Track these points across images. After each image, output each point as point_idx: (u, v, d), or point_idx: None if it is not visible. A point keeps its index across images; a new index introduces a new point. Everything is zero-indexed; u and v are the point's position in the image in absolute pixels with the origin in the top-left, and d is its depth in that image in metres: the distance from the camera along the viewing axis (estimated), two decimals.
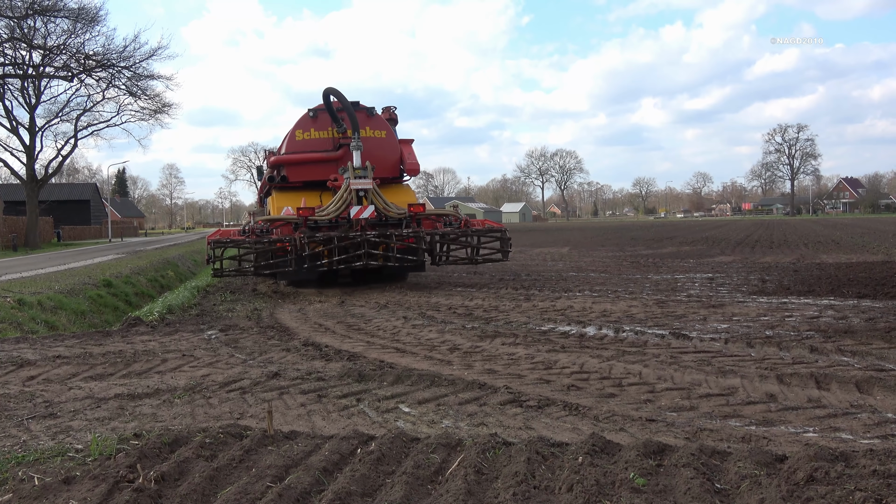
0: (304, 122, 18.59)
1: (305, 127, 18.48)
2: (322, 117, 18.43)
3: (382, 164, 18.31)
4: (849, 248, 28.74)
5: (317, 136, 18.44)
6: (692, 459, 4.45)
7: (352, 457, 4.80)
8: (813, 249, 28.50)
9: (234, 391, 7.20)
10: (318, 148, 18.31)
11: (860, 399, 6.30)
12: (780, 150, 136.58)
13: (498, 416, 6.11)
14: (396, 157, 19.10)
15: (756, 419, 5.85)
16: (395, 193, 18.33)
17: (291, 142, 18.45)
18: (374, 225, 16.61)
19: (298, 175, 18.30)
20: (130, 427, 5.87)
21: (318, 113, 18.46)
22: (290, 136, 18.58)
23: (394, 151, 19.06)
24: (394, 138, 19.30)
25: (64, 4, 41.54)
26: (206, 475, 4.44)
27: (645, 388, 6.91)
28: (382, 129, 18.94)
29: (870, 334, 9.23)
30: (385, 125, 19.13)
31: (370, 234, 15.88)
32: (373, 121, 18.76)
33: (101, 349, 9.79)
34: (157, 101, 49.93)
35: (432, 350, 9.09)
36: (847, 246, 29.89)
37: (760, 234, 44.90)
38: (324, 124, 18.43)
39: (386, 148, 18.81)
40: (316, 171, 17.99)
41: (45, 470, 4.73)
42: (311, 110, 18.53)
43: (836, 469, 4.15)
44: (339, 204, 16.23)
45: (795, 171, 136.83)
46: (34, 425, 6.06)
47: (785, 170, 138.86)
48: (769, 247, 31.08)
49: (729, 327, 10.24)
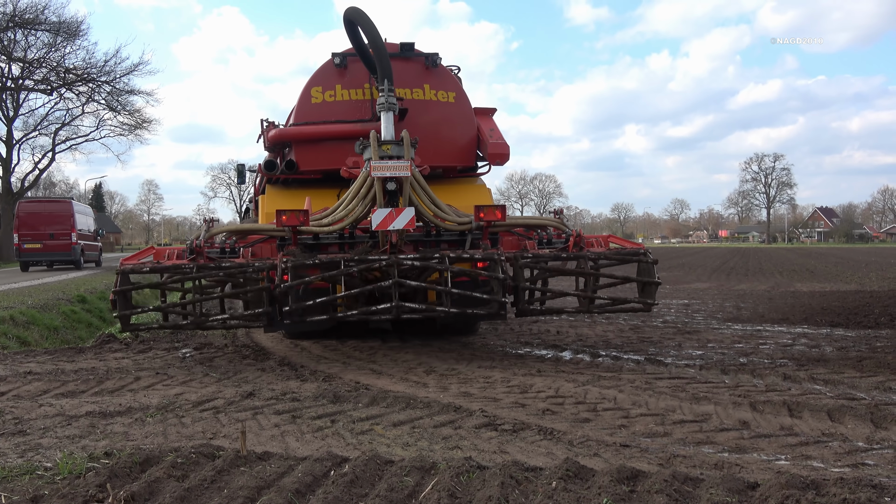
0: (326, 75, 11.34)
1: (328, 82, 11.27)
2: (355, 68, 11.20)
3: (448, 144, 11.54)
4: (823, 276, 29.08)
5: (346, 96, 11.29)
6: (665, 486, 4.46)
7: (325, 479, 4.77)
8: (787, 277, 28.82)
9: (208, 410, 7.14)
10: (348, 116, 11.04)
11: (832, 427, 6.35)
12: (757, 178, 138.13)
13: (473, 440, 6.10)
14: (471, 134, 11.80)
15: (729, 446, 5.88)
16: (466, 193, 11.59)
17: (304, 106, 11.22)
18: (416, 243, 10.15)
19: (314, 160, 11.03)
20: (101, 445, 5.80)
21: (348, 60, 11.25)
22: (302, 96, 11.30)
23: (468, 125, 11.76)
24: (467, 105, 11.85)
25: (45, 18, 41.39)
26: (176, 496, 4.39)
27: (620, 413, 6.93)
28: (450, 88, 11.69)
29: (842, 363, 9.33)
30: (455, 83, 11.86)
31: (406, 260, 9.06)
32: (434, 75, 11.60)
33: (73, 366, 9.68)
34: (138, 117, 49.75)
35: (408, 372, 9.07)
36: (821, 275, 30.25)
37: (736, 261, 45.34)
38: (357, 78, 11.23)
39: (456, 120, 11.65)
40: (343, 154, 9.84)
41: (12, 488, 4.66)
42: (337, 55, 11.28)
43: (807, 497, 4.18)
44: (354, 205, 9.15)
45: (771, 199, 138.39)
46: (2, 442, 5.97)
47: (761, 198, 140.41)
48: (745, 274, 31.38)
49: (704, 354, 10.31)
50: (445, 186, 11.42)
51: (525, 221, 11.17)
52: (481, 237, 9.81)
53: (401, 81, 10.88)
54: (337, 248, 10.00)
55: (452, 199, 10.35)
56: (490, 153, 11.63)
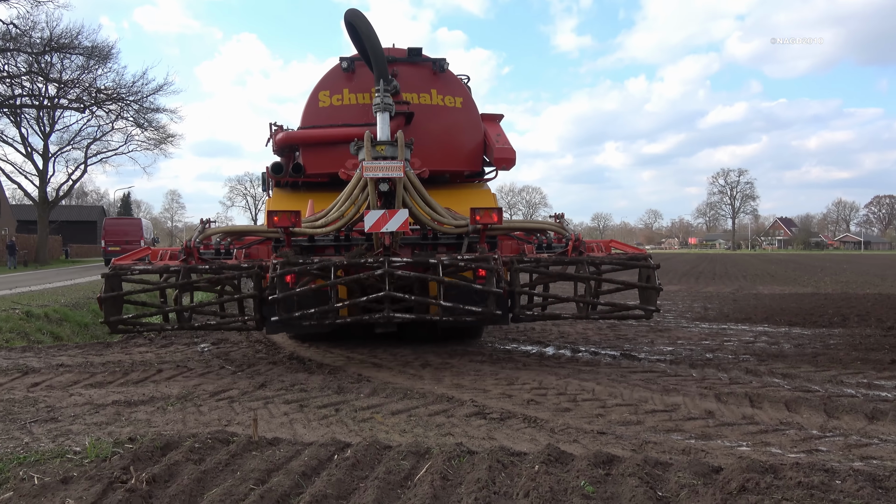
0: (333, 79, 10.64)
1: (335, 86, 10.59)
2: (362, 72, 10.45)
3: (455, 149, 10.69)
4: (782, 280, 29.11)
5: (353, 100, 10.53)
6: (637, 469, 4.46)
7: (329, 462, 4.76)
8: (751, 281, 28.84)
9: (223, 400, 7.12)
10: (356, 119, 10.24)
11: (789, 417, 6.36)
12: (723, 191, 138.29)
13: (464, 427, 6.09)
14: (478, 139, 10.96)
15: (696, 433, 5.88)
16: (472, 199, 10.40)
17: (312, 109, 10.56)
18: (412, 246, 9.22)
19: (320, 163, 10.19)
20: (126, 431, 5.78)
21: (356, 64, 10.54)
22: (310, 100, 10.61)
23: (475, 130, 10.93)
24: (474, 110, 11.01)
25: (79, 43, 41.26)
26: (194, 477, 4.38)
27: (597, 403, 6.93)
28: (457, 93, 10.83)
29: (799, 359, 9.35)
30: (462, 88, 10.97)
31: (398, 264, 8.12)
32: (441, 80, 10.76)
33: (101, 359, 9.65)
34: (162, 133, 49.67)
35: (406, 365, 9.05)
36: (781, 279, 30.29)
37: (704, 266, 45.36)
38: (364, 83, 10.47)
39: (463, 125, 10.80)
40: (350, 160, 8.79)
41: (44, 470, 4.64)
42: (345, 59, 10.56)
43: (766, 480, 4.19)
44: (347, 206, 8.35)
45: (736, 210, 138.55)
46: (36, 428, 5.95)
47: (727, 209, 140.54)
48: (712, 278, 31.39)
49: (674, 350, 10.31)
50: (452, 191, 10.57)
51: (524, 225, 10.13)
52: (478, 240, 8.87)
53: (408, 86, 10.40)
54: (333, 251, 9.12)
55: (458, 204, 9.57)
56: (496, 157, 10.87)
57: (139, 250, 9.35)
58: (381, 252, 8.19)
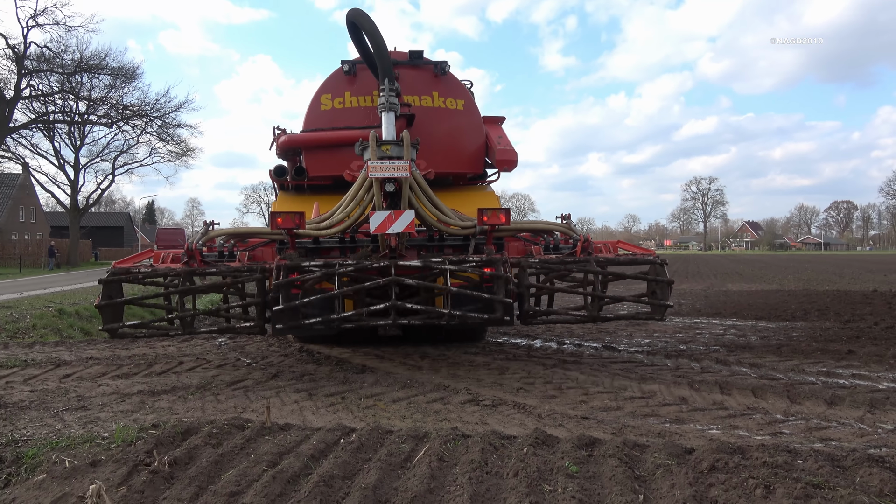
0: (335, 82, 9.85)
1: (337, 89, 9.77)
2: (364, 76, 9.65)
3: (457, 151, 9.83)
4: (749, 278, 29.14)
5: (355, 103, 9.71)
6: (617, 451, 4.46)
7: (336, 446, 4.75)
8: (721, 279, 28.86)
9: (239, 389, 7.11)
10: (358, 122, 9.41)
11: (755, 402, 6.36)
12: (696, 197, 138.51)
13: (459, 413, 6.09)
14: (480, 142, 10.09)
15: (670, 418, 5.89)
16: (475, 201, 9.42)
17: (314, 113, 9.74)
18: (418, 247, 8.30)
19: (323, 166, 9.44)
20: (150, 418, 5.77)
21: (357, 68, 9.74)
22: (312, 104, 9.81)
23: (476, 132, 10.07)
24: (476, 112, 10.17)
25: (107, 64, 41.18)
26: (212, 460, 4.37)
27: (580, 391, 6.93)
28: (459, 96, 10.04)
29: (764, 349, 9.36)
30: (463, 91, 10.17)
31: (405, 265, 7.34)
32: (443, 83, 9.96)
33: (127, 352, 9.62)
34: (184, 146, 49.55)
35: (406, 357, 9.04)
36: (748, 277, 30.32)
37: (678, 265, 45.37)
38: (366, 86, 9.64)
39: (464, 127, 9.97)
40: (352, 160, 7.96)
41: (75, 454, 4.63)
42: (347, 63, 9.82)
43: (734, 460, 4.19)
44: (352, 207, 7.52)
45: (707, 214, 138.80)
46: (67, 416, 5.93)
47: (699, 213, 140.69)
48: (685, 276, 31.41)
49: (650, 342, 10.31)
50: (455, 194, 9.74)
51: (531, 226, 9.08)
52: (485, 242, 8.02)
53: (409, 88, 9.60)
54: (338, 253, 8.30)
55: (462, 207, 8.74)
56: (498, 159, 10.03)
57: (142, 252, 8.58)
58: (386, 254, 7.45)
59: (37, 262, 44.92)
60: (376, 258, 7.50)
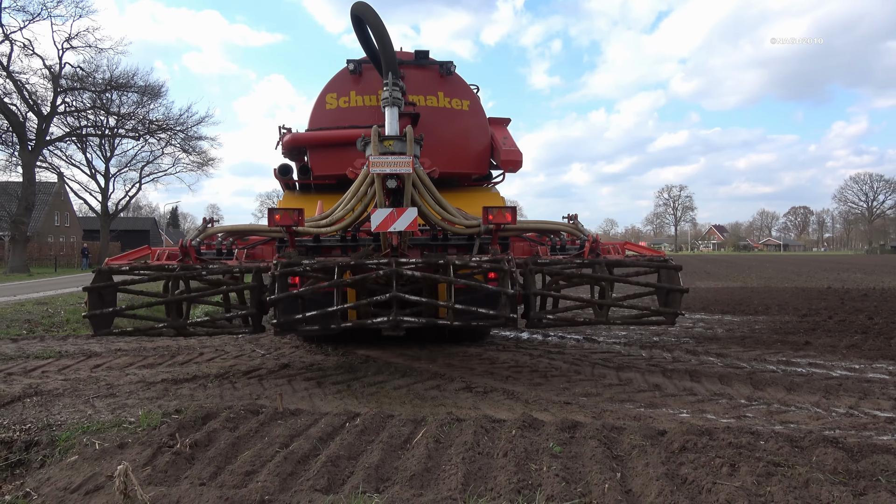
0: (341, 81, 9.03)
1: (342, 88, 8.95)
2: (369, 75, 8.82)
3: (462, 152, 9.00)
4: (716, 276, 29.18)
5: (360, 102, 8.86)
6: (597, 433, 4.46)
7: (342, 429, 4.73)
8: (690, 277, 28.86)
9: (254, 378, 7.08)
10: (363, 121, 8.52)
11: (721, 389, 6.37)
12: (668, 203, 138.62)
13: (453, 399, 6.07)
14: (485, 142, 9.27)
15: (645, 403, 5.88)
16: (480, 201, 8.52)
17: (319, 112, 8.93)
18: (421, 247, 7.45)
19: (327, 165, 8.67)
20: (173, 405, 5.73)
21: (363, 67, 8.92)
22: (317, 103, 9.00)
23: (482, 133, 9.24)
24: (482, 113, 9.34)
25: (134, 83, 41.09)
26: (229, 442, 4.35)
27: (564, 378, 6.92)
28: (465, 97, 9.19)
29: (729, 341, 9.36)
30: (469, 92, 9.28)
31: (407, 264, 6.25)
32: (448, 83, 9.15)
33: (152, 344, 9.58)
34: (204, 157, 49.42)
35: (406, 348, 9.01)
36: (715, 275, 30.35)
37: None
38: (371, 85, 8.80)
39: (470, 128, 9.14)
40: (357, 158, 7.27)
41: (104, 437, 4.60)
42: (352, 62, 8.96)
43: (703, 441, 4.19)
44: (353, 205, 6.66)
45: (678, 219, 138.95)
46: (98, 402, 5.90)
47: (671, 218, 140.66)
48: None
49: (627, 334, 10.31)
50: (460, 194, 8.94)
51: (537, 226, 7.68)
52: (490, 242, 7.06)
53: (415, 88, 8.85)
54: (339, 251, 7.37)
55: (466, 207, 7.92)
56: (503, 160, 9.13)
57: (139, 249, 7.65)
58: (388, 253, 6.57)
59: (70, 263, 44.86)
60: (377, 257, 6.62)
